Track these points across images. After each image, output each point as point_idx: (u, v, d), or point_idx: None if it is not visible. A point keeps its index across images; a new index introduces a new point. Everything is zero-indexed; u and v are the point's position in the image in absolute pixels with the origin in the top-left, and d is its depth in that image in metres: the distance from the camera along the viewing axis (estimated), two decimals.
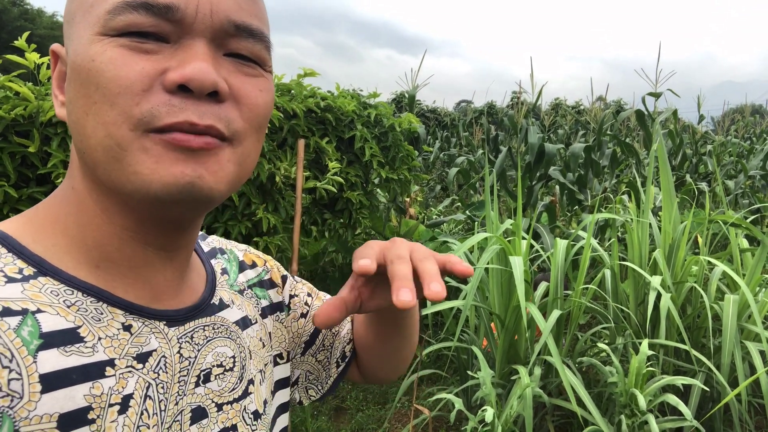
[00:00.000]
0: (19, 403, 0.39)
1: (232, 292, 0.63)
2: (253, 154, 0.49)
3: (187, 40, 0.44)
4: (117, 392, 0.45)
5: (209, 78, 0.43)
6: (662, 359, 2.55)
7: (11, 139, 2.28)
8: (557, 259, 2.57)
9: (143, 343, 0.48)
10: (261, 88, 0.48)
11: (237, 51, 0.47)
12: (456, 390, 2.53)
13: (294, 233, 2.71)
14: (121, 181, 0.44)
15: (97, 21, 0.43)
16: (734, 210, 5.90)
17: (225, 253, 0.68)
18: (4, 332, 0.40)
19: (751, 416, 2.70)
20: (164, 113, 0.42)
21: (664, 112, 5.26)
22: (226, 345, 0.57)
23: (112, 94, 0.42)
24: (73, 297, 0.45)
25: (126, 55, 0.43)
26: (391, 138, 3.54)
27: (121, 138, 0.42)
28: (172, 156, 0.43)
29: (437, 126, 12.71)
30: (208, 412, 0.53)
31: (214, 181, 0.45)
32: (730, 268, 2.94)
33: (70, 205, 0.49)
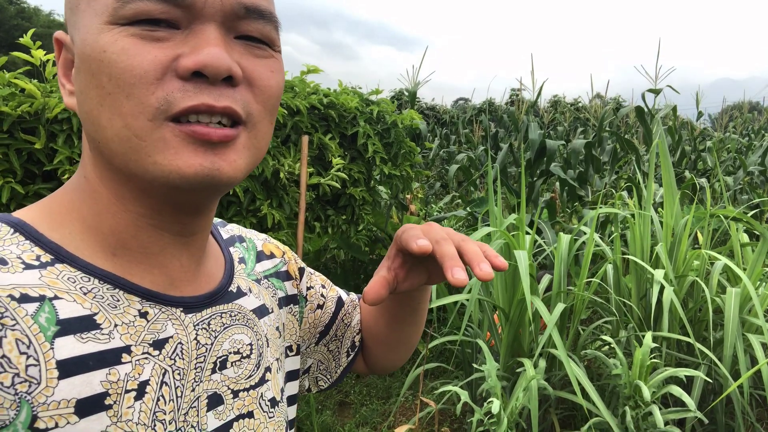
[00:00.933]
0: (37, 388, 0.40)
1: (250, 280, 0.63)
2: (267, 136, 0.50)
3: (197, 25, 0.44)
4: (133, 378, 0.45)
5: (224, 63, 0.43)
6: (665, 352, 2.57)
7: (17, 136, 2.29)
8: (560, 253, 2.59)
9: (159, 330, 0.48)
10: (272, 69, 0.48)
11: (248, 33, 0.47)
12: (461, 383, 2.56)
13: (298, 229, 2.73)
14: (140, 171, 0.44)
15: (105, 9, 0.43)
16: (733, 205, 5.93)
17: (244, 242, 0.68)
18: (22, 318, 0.41)
19: (752, 408, 2.73)
20: (179, 98, 0.42)
21: (664, 109, 5.28)
22: (243, 332, 0.57)
23: (127, 84, 0.42)
24: (89, 284, 0.46)
25: (138, 44, 0.42)
26: (394, 134, 3.55)
27: (140, 128, 0.42)
28: (191, 148, 0.43)
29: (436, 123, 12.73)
30: (224, 398, 0.53)
31: (231, 171, 0.45)
32: (731, 262, 2.97)
33: (84, 194, 0.49)
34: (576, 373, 2.12)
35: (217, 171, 0.44)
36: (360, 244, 3.73)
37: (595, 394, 2.08)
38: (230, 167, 0.45)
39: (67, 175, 2.32)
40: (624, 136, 5.86)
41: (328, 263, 4.65)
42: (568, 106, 13.82)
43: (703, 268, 2.89)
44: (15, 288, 0.42)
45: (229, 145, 0.45)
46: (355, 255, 4.04)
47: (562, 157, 5.24)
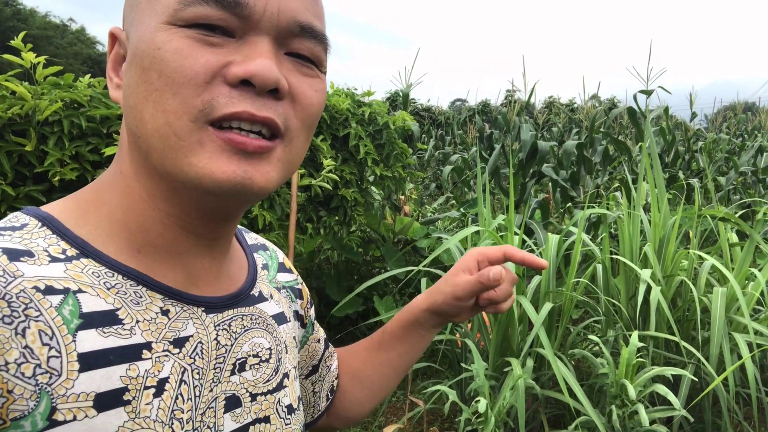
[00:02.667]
0: (58, 380, 0.40)
1: (272, 287, 0.64)
2: (302, 152, 0.50)
3: (252, 36, 0.45)
4: (153, 375, 0.45)
5: (273, 75, 0.44)
6: (652, 351, 2.59)
7: (8, 138, 2.30)
8: (549, 253, 2.61)
9: (180, 329, 0.49)
10: (316, 89, 0.49)
11: (298, 51, 0.48)
12: (450, 383, 2.57)
13: (289, 230, 2.74)
14: (174, 170, 0.44)
15: (166, 10, 0.44)
16: (726, 205, 5.96)
17: (267, 250, 0.70)
18: (46, 310, 0.41)
19: (740, 407, 2.75)
20: (223, 104, 0.43)
21: (656, 110, 5.31)
22: (263, 336, 0.57)
23: (175, 83, 0.43)
24: (113, 279, 0.46)
25: (192, 47, 0.43)
26: (386, 136, 3.57)
27: (180, 128, 0.43)
28: (226, 155, 0.44)
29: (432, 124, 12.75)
30: (242, 401, 0.53)
31: (263, 182, 0.45)
32: (719, 262, 3.00)
33: (116, 189, 0.49)
34: (563, 372, 2.14)
35: (249, 180, 0.44)
36: (352, 245, 3.75)
37: (582, 393, 2.10)
38: (263, 178, 0.45)
39: (58, 177, 2.33)
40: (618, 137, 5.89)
41: (322, 264, 4.66)
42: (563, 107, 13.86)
43: (691, 268, 2.92)
44: (41, 280, 0.42)
45: (263, 157, 0.45)
46: (348, 256, 4.05)
47: (555, 158, 5.27)
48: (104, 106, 2.51)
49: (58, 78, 2.50)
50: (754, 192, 6.34)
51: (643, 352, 2.51)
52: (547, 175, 4.63)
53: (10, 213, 1.92)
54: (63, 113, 2.39)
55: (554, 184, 4.72)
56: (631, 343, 2.16)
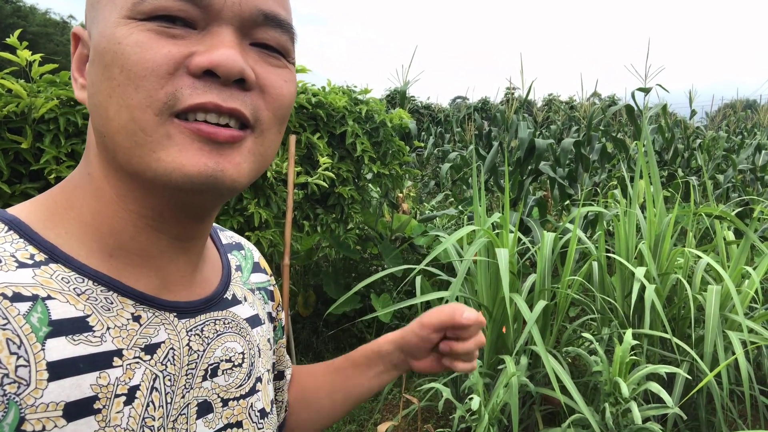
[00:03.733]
0: (26, 390, 0.39)
1: (245, 289, 0.63)
2: (274, 145, 0.49)
3: (214, 26, 0.44)
4: (124, 383, 0.45)
5: (237, 65, 0.42)
6: (647, 349, 2.60)
7: (4, 136, 2.30)
8: (544, 251, 2.62)
9: (152, 335, 0.48)
10: (285, 79, 0.48)
11: (263, 41, 0.46)
12: (444, 380, 2.58)
13: (285, 228, 2.74)
14: (142, 167, 0.43)
15: (125, 4, 0.43)
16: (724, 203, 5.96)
17: (242, 250, 0.68)
18: (14, 318, 0.40)
19: (734, 404, 2.76)
20: (188, 95, 0.42)
21: (654, 108, 5.31)
22: (236, 341, 0.57)
23: (137, 77, 0.42)
24: (83, 285, 0.45)
25: (153, 39, 0.42)
26: (383, 133, 3.57)
27: (146, 122, 0.42)
28: (196, 146, 0.42)
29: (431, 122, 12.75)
30: (213, 406, 0.52)
31: (236, 174, 0.44)
32: (716, 260, 3.00)
33: (85, 191, 0.48)
34: (556, 369, 2.14)
35: (220, 172, 0.43)
36: (350, 242, 3.75)
37: (575, 391, 2.10)
38: (234, 170, 0.44)
39: (54, 175, 2.34)
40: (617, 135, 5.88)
41: (320, 262, 4.67)
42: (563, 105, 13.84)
43: (687, 266, 2.92)
44: (8, 286, 0.41)
45: (234, 147, 0.44)
46: (345, 253, 4.06)
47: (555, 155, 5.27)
48: None
49: (54, 76, 2.50)
50: (752, 190, 6.34)
51: (638, 350, 2.52)
52: (544, 173, 4.63)
53: None
54: (59, 111, 2.39)
55: (552, 182, 4.72)
56: (624, 341, 2.16)
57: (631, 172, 4.87)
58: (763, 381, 2.86)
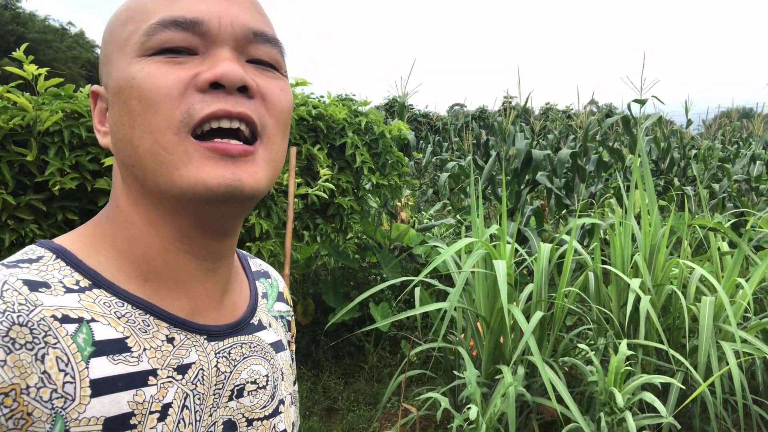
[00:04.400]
0: (72, 404, 0.43)
1: (270, 316, 0.67)
2: (282, 151, 0.54)
3: (213, 49, 0.49)
4: (158, 401, 0.48)
5: (238, 73, 0.48)
6: (643, 359, 2.63)
7: (9, 148, 2.33)
8: (541, 262, 2.66)
9: (184, 356, 0.52)
10: (282, 88, 0.53)
11: (257, 57, 0.52)
12: (443, 390, 2.61)
13: (286, 238, 2.78)
14: (168, 185, 0.48)
15: (134, 47, 0.49)
16: (720, 213, 6.02)
17: (269, 278, 0.72)
18: (62, 338, 0.45)
19: (728, 414, 2.79)
20: (199, 108, 0.47)
21: (650, 118, 5.37)
22: (261, 364, 0.60)
23: (154, 102, 0.47)
24: (123, 309, 0.50)
25: (162, 68, 0.48)
26: (381, 145, 3.62)
27: (167, 142, 0.47)
28: (213, 161, 0.47)
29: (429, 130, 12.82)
30: (238, 425, 0.56)
31: (253, 182, 0.49)
32: (710, 270, 3.04)
33: (117, 223, 0.53)
34: (552, 379, 2.18)
35: (239, 182, 0.47)
36: (349, 252, 3.79)
37: (570, 400, 2.14)
38: (252, 179, 0.48)
39: (58, 186, 2.37)
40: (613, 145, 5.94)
41: (319, 271, 4.70)
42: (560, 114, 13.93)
43: (682, 277, 2.96)
44: (58, 309, 0.46)
45: (248, 160, 0.49)
46: (344, 263, 4.09)
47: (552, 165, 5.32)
48: None
49: (59, 89, 2.54)
50: (747, 200, 6.40)
51: (633, 360, 2.55)
52: (541, 183, 4.68)
53: (11, 222, 1.95)
54: (63, 123, 2.43)
55: (549, 192, 4.77)
56: (620, 352, 2.20)
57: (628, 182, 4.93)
58: (756, 391, 2.89)
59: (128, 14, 0.52)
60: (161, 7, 0.49)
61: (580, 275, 3.11)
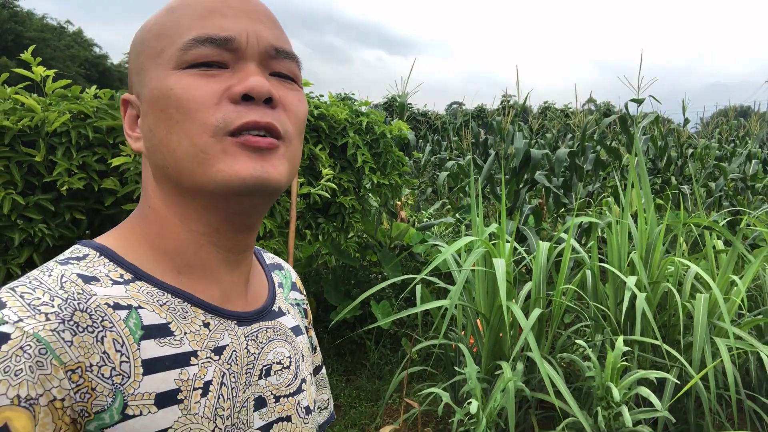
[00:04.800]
0: (128, 381, 0.50)
1: (287, 303, 0.73)
2: (299, 153, 0.61)
3: (241, 64, 0.55)
4: (200, 378, 0.54)
5: (266, 87, 0.54)
6: (639, 356, 2.69)
7: (18, 149, 2.37)
8: (539, 260, 2.71)
9: (219, 339, 0.58)
10: (299, 99, 0.60)
11: (278, 70, 0.58)
12: (444, 385, 2.66)
13: (289, 237, 2.83)
14: (205, 181, 0.54)
15: (170, 59, 0.55)
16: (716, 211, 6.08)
17: (282, 270, 0.79)
18: (116, 322, 0.51)
19: (723, 409, 2.85)
20: (234, 118, 0.53)
21: (647, 117, 5.43)
22: (284, 346, 0.66)
23: (191, 110, 0.53)
24: (164, 298, 0.56)
25: (198, 80, 0.54)
26: (382, 144, 3.67)
27: (204, 144, 0.53)
28: (246, 155, 0.53)
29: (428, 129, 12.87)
30: (267, 402, 0.62)
31: (277, 174, 0.55)
32: (705, 268, 3.10)
33: (150, 222, 0.59)
34: (551, 374, 2.23)
35: (266, 174, 0.54)
36: (350, 250, 3.84)
37: (569, 395, 2.19)
38: (276, 171, 0.55)
39: (66, 186, 2.41)
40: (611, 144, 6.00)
41: (320, 269, 4.75)
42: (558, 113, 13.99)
43: (677, 275, 3.02)
44: (110, 298, 0.52)
45: (273, 153, 0.55)
46: (345, 261, 4.14)
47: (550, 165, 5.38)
48: (110, 117, 2.60)
49: (66, 90, 2.58)
50: (743, 198, 6.46)
51: (629, 356, 2.61)
52: (540, 182, 4.74)
53: (20, 221, 2.00)
54: (71, 124, 2.46)
55: (547, 191, 4.82)
56: (616, 348, 2.26)
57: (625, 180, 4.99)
58: (749, 386, 2.95)
59: (161, 29, 0.57)
60: (195, 25, 0.55)
61: (577, 273, 3.17)
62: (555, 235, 3.13)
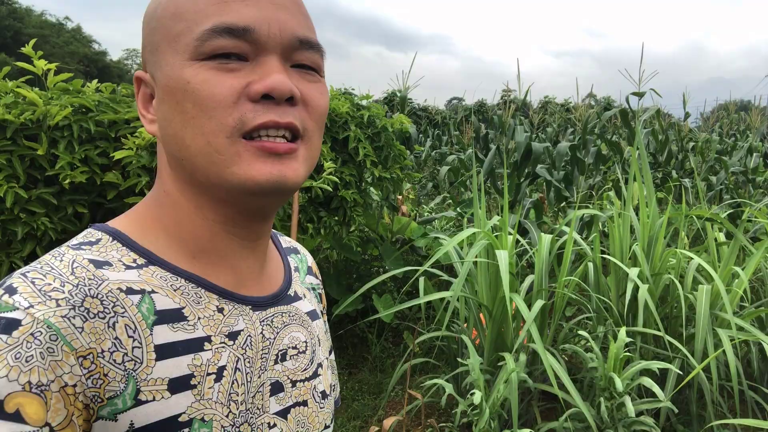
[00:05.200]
0: (140, 367, 0.49)
1: (303, 287, 0.72)
2: (319, 147, 0.59)
3: (262, 56, 0.52)
4: (213, 363, 0.54)
5: (287, 87, 0.52)
6: (641, 347, 2.70)
7: (20, 143, 2.37)
8: (542, 253, 2.71)
9: (233, 324, 0.57)
10: (321, 92, 0.58)
11: (301, 62, 0.55)
12: (447, 377, 2.67)
13: (291, 231, 2.83)
14: (220, 181, 0.52)
15: (186, 48, 0.52)
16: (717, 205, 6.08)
17: (299, 254, 0.77)
18: (128, 307, 0.50)
19: (724, 399, 2.86)
20: (251, 118, 0.51)
21: (648, 111, 5.42)
22: (300, 331, 0.66)
23: (208, 108, 0.51)
24: (177, 282, 0.55)
25: (216, 76, 0.51)
26: (384, 138, 3.67)
27: (219, 145, 0.51)
28: (261, 160, 0.51)
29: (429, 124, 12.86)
30: (284, 386, 0.61)
31: (294, 176, 0.53)
32: (707, 260, 3.10)
33: (165, 206, 0.58)
34: (553, 365, 2.24)
35: (284, 177, 0.52)
36: (352, 244, 3.84)
37: (571, 386, 2.20)
38: (294, 174, 0.53)
39: (68, 180, 2.42)
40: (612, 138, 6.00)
41: (322, 263, 4.76)
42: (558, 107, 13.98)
43: (679, 266, 3.02)
44: (122, 282, 0.51)
45: (292, 156, 0.53)
46: (347, 255, 4.15)
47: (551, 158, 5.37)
48: (111, 111, 2.60)
49: (67, 84, 2.58)
50: (744, 192, 6.46)
51: (632, 348, 2.62)
52: (541, 176, 4.74)
53: (23, 215, 2.00)
54: (72, 118, 2.46)
55: (548, 185, 4.82)
56: (619, 339, 2.26)
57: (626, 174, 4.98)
58: (751, 377, 2.96)
59: (177, 8, 0.54)
60: (213, 11, 0.52)
61: (579, 266, 3.17)
62: (556, 228, 3.14)
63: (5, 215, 2.34)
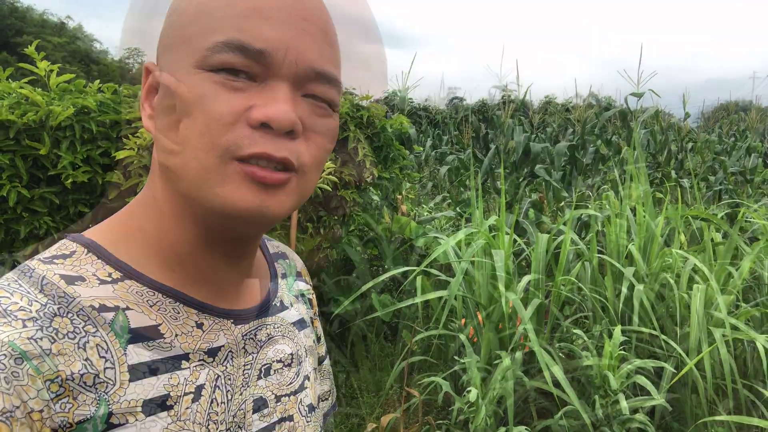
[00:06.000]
0: (112, 388, 0.46)
1: (291, 295, 0.69)
2: (314, 183, 0.55)
3: (272, 81, 0.49)
4: (191, 382, 0.51)
5: (289, 120, 0.48)
6: (636, 345, 2.72)
7: (23, 143, 2.40)
8: (539, 252, 2.74)
9: (213, 340, 0.54)
10: (329, 128, 0.54)
11: (314, 93, 0.51)
12: (444, 375, 2.70)
13: (291, 230, 2.86)
14: (200, 198, 0.49)
15: (196, 53, 0.48)
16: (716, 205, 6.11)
17: (287, 259, 0.74)
18: (101, 326, 0.48)
19: (719, 398, 2.89)
20: (246, 144, 0.47)
21: (647, 111, 5.45)
22: (285, 343, 0.63)
23: (204, 124, 0.48)
24: (154, 297, 0.52)
25: (219, 91, 0.47)
26: (383, 138, 3.69)
27: (209, 163, 0.48)
28: (247, 186, 0.48)
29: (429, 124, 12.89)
30: (268, 402, 0.59)
31: (278, 209, 0.50)
32: (703, 260, 3.13)
33: (149, 213, 0.55)
34: (549, 363, 2.26)
35: (266, 209, 0.49)
36: (351, 244, 3.87)
37: (567, 383, 2.23)
38: (278, 206, 0.50)
39: (71, 180, 2.44)
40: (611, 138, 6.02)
41: (321, 262, 4.78)
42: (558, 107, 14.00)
43: (675, 266, 3.05)
44: (95, 299, 0.48)
45: (280, 188, 0.50)
46: (347, 254, 4.18)
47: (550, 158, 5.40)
48: (113, 111, 2.63)
49: (70, 84, 2.61)
50: (742, 192, 6.49)
51: (627, 346, 2.64)
52: (540, 176, 4.77)
53: (25, 214, 2.03)
54: (75, 118, 2.49)
55: (547, 185, 4.85)
56: (614, 337, 2.29)
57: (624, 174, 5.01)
58: (746, 375, 2.99)
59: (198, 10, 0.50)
60: (231, 23, 0.48)
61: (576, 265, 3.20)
62: (554, 227, 3.17)
63: (8, 214, 2.37)
